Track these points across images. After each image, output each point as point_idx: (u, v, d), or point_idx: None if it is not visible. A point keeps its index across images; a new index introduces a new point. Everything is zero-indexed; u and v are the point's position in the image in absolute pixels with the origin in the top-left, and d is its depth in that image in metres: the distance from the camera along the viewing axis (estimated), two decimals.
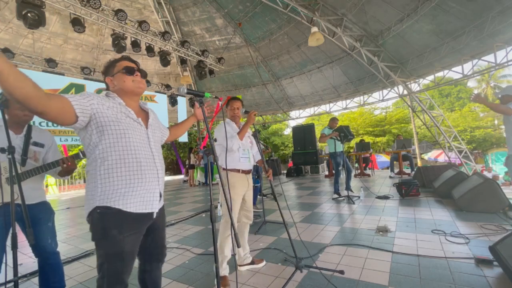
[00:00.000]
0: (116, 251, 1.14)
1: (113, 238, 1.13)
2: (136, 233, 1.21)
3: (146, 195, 1.23)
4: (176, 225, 4.05)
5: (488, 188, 3.50)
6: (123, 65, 1.29)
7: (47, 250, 1.83)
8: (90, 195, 1.16)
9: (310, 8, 7.16)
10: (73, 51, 9.11)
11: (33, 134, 1.81)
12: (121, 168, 1.16)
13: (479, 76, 20.86)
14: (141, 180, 1.20)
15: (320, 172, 10.26)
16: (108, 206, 1.13)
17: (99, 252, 1.17)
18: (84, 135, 1.17)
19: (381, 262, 2.25)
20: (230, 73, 11.75)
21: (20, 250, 1.56)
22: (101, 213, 1.13)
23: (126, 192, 1.16)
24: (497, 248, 1.91)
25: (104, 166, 1.14)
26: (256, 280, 2.13)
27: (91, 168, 1.17)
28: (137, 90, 1.31)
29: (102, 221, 1.13)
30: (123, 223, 1.15)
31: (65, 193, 11.75)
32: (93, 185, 1.16)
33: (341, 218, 3.75)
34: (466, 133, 18.15)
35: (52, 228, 1.89)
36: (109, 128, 1.16)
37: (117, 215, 1.14)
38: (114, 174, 1.15)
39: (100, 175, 1.14)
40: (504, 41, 6.01)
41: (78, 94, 1.13)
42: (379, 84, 9.22)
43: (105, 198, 1.13)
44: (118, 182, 1.15)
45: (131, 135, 1.21)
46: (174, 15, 9.65)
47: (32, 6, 5.20)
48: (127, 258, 1.17)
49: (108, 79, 1.31)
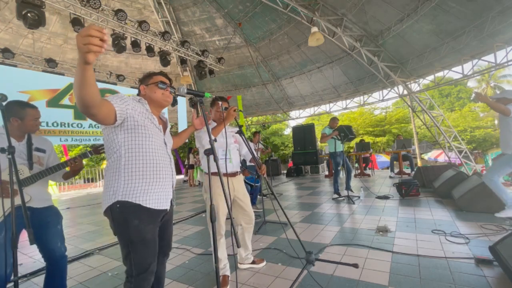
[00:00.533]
0: (139, 238, 1.23)
1: (135, 227, 1.23)
2: (153, 223, 1.31)
3: (163, 194, 1.36)
4: (176, 225, 4.05)
5: (488, 188, 3.50)
6: (158, 79, 1.46)
7: (57, 253, 1.84)
8: (111, 190, 1.25)
9: (310, 8, 7.15)
10: (73, 51, 9.10)
11: (34, 140, 1.86)
12: (143, 167, 1.29)
13: (479, 76, 20.86)
14: (159, 180, 1.34)
15: (320, 172, 10.25)
16: (129, 201, 1.23)
17: (123, 242, 1.25)
18: (112, 133, 1.27)
19: (381, 262, 2.25)
20: (230, 73, 11.75)
21: (20, 250, 1.56)
22: (121, 207, 1.22)
23: (147, 189, 1.28)
24: (497, 248, 1.91)
25: (129, 164, 1.26)
26: (256, 280, 2.13)
27: (114, 164, 1.27)
28: (163, 103, 1.47)
29: (123, 213, 1.22)
30: (142, 215, 1.26)
31: (65, 193, 11.75)
32: (115, 180, 1.25)
33: (341, 218, 3.75)
34: (466, 133, 18.15)
35: (61, 231, 1.91)
36: (137, 131, 1.29)
37: (137, 208, 1.24)
38: (137, 172, 1.27)
39: (125, 172, 1.25)
40: (504, 41, 6.00)
41: (118, 98, 1.23)
42: (379, 84, 9.22)
43: (127, 193, 1.23)
44: (140, 180, 1.27)
45: (154, 139, 1.35)
46: (174, 15, 9.64)
47: (32, 6, 5.20)
48: (150, 244, 1.27)
49: (142, 87, 1.48)
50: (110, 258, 2.88)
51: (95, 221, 4.93)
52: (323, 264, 2.28)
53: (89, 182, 14.44)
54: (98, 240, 3.58)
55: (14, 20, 6.84)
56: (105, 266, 2.68)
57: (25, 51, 7.85)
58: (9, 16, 7.03)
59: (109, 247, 3.25)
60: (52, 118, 7.54)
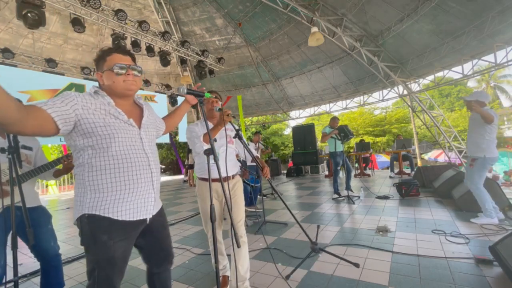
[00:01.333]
0: (107, 257, 1.09)
1: (103, 244, 1.08)
2: (127, 238, 1.15)
3: (139, 201, 1.16)
4: (176, 225, 4.05)
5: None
6: (114, 60, 1.15)
7: (50, 252, 1.84)
8: (78, 201, 1.10)
9: (310, 8, 7.15)
10: (73, 51, 9.10)
11: (20, 137, 1.77)
12: (110, 175, 1.09)
13: (479, 76, 20.86)
14: (133, 186, 1.13)
15: (320, 172, 10.25)
16: (97, 214, 1.08)
17: (89, 257, 1.12)
18: (69, 139, 1.10)
19: (381, 262, 2.25)
20: (230, 73, 11.75)
21: (20, 250, 1.56)
22: (89, 219, 1.07)
23: (117, 200, 1.10)
24: (497, 248, 1.91)
25: (92, 173, 1.08)
26: (256, 280, 2.13)
27: (79, 172, 1.11)
28: (127, 92, 1.18)
29: (91, 226, 1.08)
30: (113, 230, 1.10)
31: (65, 193, 11.74)
32: (81, 191, 1.10)
33: (341, 218, 3.75)
34: (466, 133, 18.13)
35: (52, 231, 1.91)
36: (96, 133, 1.07)
37: (105, 222, 1.08)
38: (103, 181, 1.08)
39: (89, 181, 1.08)
40: (504, 41, 6.00)
41: (59, 99, 1.01)
42: (379, 84, 9.22)
43: (94, 206, 1.07)
44: (107, 190, 1.09)
45: (121, 139, 1.11)
46: (174, 15, 9.64)
47: (32, 6, 5.19)
48: (118, 263, 1.12)
49: (98, 75, 1.19)
50: None
51: None
52: (323, 264, 2.29)
53: None
54: None
55: (14, 20, 6.83)
56: None
57: (25, 51, 7.85)
58: (9, 16, 7.03)
59: None
60: None
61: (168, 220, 1.43)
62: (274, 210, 4.55)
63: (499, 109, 21.06)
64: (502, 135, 18.88)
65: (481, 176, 3.14)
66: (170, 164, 21.65)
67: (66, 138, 1.11)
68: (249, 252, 2.66)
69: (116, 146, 1.10)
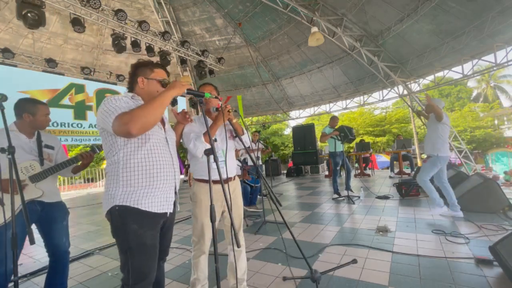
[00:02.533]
0: (138, 244, 1.17)
1: (134, 232, 1.17)
2: (154, 228, 1.26)
3: (163, 196, 1.29)
4: (176, 225, 4.05)
5: (488, 188, 3.50)
6: (161, 75, 1.36)
7: (61, 248, 1.89)
8: (109, 195, 1.20)
9: (310, 8, 7.15)
10: (73, 51, 9.10)
11: (43, 138, 1.93)
12: (142, 171, 1.21)
13: (479, 76, 20.87)
14: (159, 182, 1.26)
15: (320, 172, 10.26)
16: (127, 205, 1.18)
17: (121, 248, 1.20)
18: (111, 135, 1.21)
19: (381, 262, 2.25)
20: (230, 73, 11.74)
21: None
22: (120, 210, 1.17)
23: (145, 193, 1.21)
24: (497, 248, 1.91)
25: (126, 169, 1.20)
26: (256, 280, 2.13)
27: (112, 167, 1.22)
28: None
29: (121, 217, 1.18)
30: (142, 219, 1.20)
31: (65, 193, 11.74)
32: (114, 185, 1.20)
33: (341, 218, 3.75)
34: (466, 133, 18.14)
35: (66, 227, 1.97)
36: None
37: (135, 212, 1.19)
38: (135, 177, 1.20)
39: (123, 175, 1.19)
40: (504, 41, 6.00)
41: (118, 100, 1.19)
42: (379, 84, 9.22)
43: (125, 197, 1.18)
44: (138, 184, 1.21)
45: (154, 140, 1.27)
46: (174, 15, 9.64)
47: (32, 6, 5.19)
48: (149, 251, 1.21)
49: (141, 79, 1.32)
50: (110, 258, 2.87)
51: (95, 221, 4.93)
52: (324, 264, 2.28)
53: (89, 182, 14.44)
54: (98, 240, 3.58)
55: (14, 20, 6.83)
56: (105, 266, 2.68)
57: (25, 51, 7.84)
58: (9, 16, 7.03)
59: (109, 247, 3.25)
60: (52, 118, 7.38)
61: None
62: (274, 210, 4.54)
63: (499, 109, 21.06)
64: (502, 135, 18.87)
65: (429, 172, 3.53)
66: None
67: (106, 136, 1.23)
68: (249, 252, 2.68)
69: (149, 145, 1.25)
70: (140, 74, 1.33)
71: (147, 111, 1.14)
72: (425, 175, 3.53)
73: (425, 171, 3.56)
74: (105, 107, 1.17)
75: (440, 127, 3.47)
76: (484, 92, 25.19)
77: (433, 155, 3.50)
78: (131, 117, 1.11)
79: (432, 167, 3.51)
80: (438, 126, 3.48)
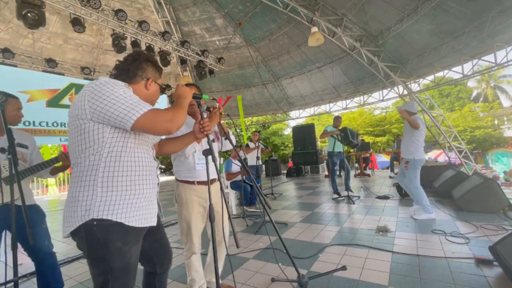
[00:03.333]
0: (122, 264, 1.02)
1: (118, 251, 1.00)
2: (138, 242, 1.11)
3: (148, 207, 1.13)
4: (176, 225, 4.05)
5: (488, 188, 3.50)
6: (160, 81, 1.28)
7: (44, 250, 1.84)
8: (81, 206, 0.98)
9: (310, 8, 7.15)
10: (73, 51, 9.09)
11: (15, 135, 1.73)
12: (128, 175, 1.04)
13: (479, 76, 20.86)
14: (146, 190, 1.10)
15: (320, 172, 10.26)
16: (108, 219, 0.98)
17: (99, 269, 1.01)
18: (97, 129, 0.99)
19: (381, 262, 2.25)
20: (230, 73, 11.74)
21: (20, 250, 1.56)
22: (98, 225, 0.98)
23: (131, 203, 1.04)
24: (497, 248, 1.91)
25: (109, 171, 1.00)
26: (256, 280, 2.13)
27: (88, 170, 1.00)
28: (154, 104, 1.26)
29: (102, 233, 0.98)
30: (126, 235, 1.03)
31: (65, 193, 11.73)
32: (88, 192, 0.99)
33: (341, 218, 3.75)
34: (466, 133, 18.13)
35: (46, 230, 1.91)
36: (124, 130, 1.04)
37: (117, 227, 1.01)
38: (120, 182, 1.02)
39: (103, 180, 0.99)
40: (504, 41, 6.00)
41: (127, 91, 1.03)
42: (379, 84, 9.21)
43: (105, 209, 0.98)
44: (123, 191, 1.02)
45: (143, 140, 1.13)
46: (174, 15, 9.63)
47: (32, 6, 5.19)
48: (133, 270, 1.08)
49: (151, 81, 1.20)
50: None
51: None
52: (324, 264, 2.29)
53: None
54: None
55: (14, 20, 6.83)
56: None
57: (25, 51, 7.84)
58: (9, 16, 7.03)
59: None
60: (52, 118, 7.54)
61: (168, 220, 1.42)
62: (274, 210, 4.54)
63: (499, 109, 21.05)
64: (502, 135, 18.85)
65: (416, 176, 3.57)
66: (170, 164, 21.66)
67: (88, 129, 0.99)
68: (249, 252, 2.68)
69: (138, 145, 1.11)
70: (151, 74, 1.20)
71: (182, 114, 1.12)
72: (415, 180, 3.56)
73: (411, 176, 3.59)
74: (117, 94, 0.98)
75: (415, 132, 3.56)
76: (484, 92, 25.18)
77: (410, 159, 3.57)
78: (173, 116, 1.06)
79: (415, 170, 3.57)
80: (414, 131, 3.57)
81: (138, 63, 1.18)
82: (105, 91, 0.98)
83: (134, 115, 0.97)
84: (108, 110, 0.97)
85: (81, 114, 0.98)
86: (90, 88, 1.00)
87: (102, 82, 1.01)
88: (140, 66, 1.17)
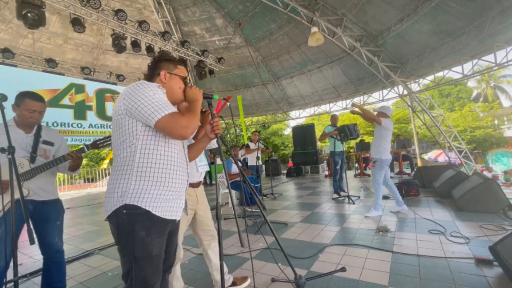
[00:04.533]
0: (144, 254, 1.07)
1: (141, 240, 1.06)
2: (162, 236, 1.15)
3: (176, 201, 1.19)
4: None
5: (488, 188, 3.50)
6: (184, 72, 1.31)
7: (53, 248, 1.86)
8: (119, 191, 1.07)
9: (310, 8, 7.15)
10: (73, 51, 9.09)
11: (43, 133, 1.87)
12: (159, 167, 1.12)
13: (479, 76, 20.87)
14: (174, 184, 1.17)
15: (320, 172, 10.26)
16: (138, 206, 1.06)
17: (125, 257, 1.09)
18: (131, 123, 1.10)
19: (381, 262, 2.25)
20: (230, 73, 11.74)
21: (20, 250, 1.56)
22: (128, 214, 1.06)
23: (159, 194, 1.11)
24: (497, 248, 1.91)
25: (143, 161, 1.09)
26: (256, 280, 2.13)
27: (126, 160, 1.10)
28: (181, 98, 1.30)
29: (129, 222, 1.06)
30: (151, 225, 1.09)
31: (65, 193, 11.74)
32: (125, 179, 1.08)
33: (341, 218, 3.75)
34: (466, 133, 18.14)
35: (60, 227, 1.93)
36: None
37: (145, 216, 1.07)
38: (152, 173, 1.10)
39: (138, 169, 1.08)
40: (504, 41, 6.00)
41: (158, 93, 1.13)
42: (379, 84, 9.22)
43: (137, 196, 1.06)
44: (154, 182, 1.10)
45: (170, 138, 1.19)
46: (174, 15, 9.64)
47: (32, 6, 5.19)
48: (155, 262, 1.11)
49: (164, 72, 1.26)
50: (110, 258, 2.87)
51: (95, 221, 4.93)
52: (324, 264, 2.29)
53: (89, 182, 14.44)
54: (98, 240, 3.58)
55: (14, 20, 6.83)
56: (105, 266, 2.68)
57: (25, 51, 7.84)
58: (9, 16, 7.03)
59: (109, 247, 3.25)
60: (52, 118, 7.54)
61: None
62: (274, 210, 4.54)
63: (499, 109, 21.06)
64: (502, 135, 18.86)
65: (381, 174, 3.79)
66: None
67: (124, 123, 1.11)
68: (249, 252, 2.68)
69: (171, 140, 1.18)
70: (164, 68, 1.27)
71: (196, 119, 1.17)
72: (379, 178, 3.79)
73: (376, 175, 3.82)
74: (147, 94, 1.09)
75: (383, 132, 3.76)
76: (484, 92, 25.19)
77: (378, 159, 3.79)
78: (188, 122, 1.11)
79: (381, 169, 3.79)
80: (382, 131, 3.76)
81: (154, 65, 1.30)
82: (138, 90, 1.10)
83: (157, 116, 1.07)
84: (138, 106, 1.08)
85: (119, 109, 1.12)
86: (128, 88, 1.14)
87: (138, 83, 1.14)
88: (156, 66, 1.29)
